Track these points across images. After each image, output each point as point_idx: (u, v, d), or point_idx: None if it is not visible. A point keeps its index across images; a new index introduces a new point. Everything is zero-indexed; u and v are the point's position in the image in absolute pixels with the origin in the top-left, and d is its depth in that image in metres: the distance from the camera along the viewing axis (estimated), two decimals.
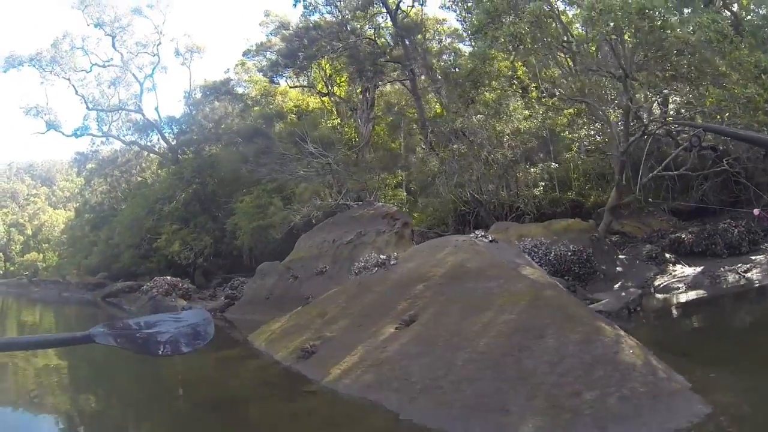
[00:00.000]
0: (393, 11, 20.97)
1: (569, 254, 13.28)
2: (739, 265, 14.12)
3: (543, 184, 20.02)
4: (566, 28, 13.89)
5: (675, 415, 4.48)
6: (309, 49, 20.90)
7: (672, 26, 10.67)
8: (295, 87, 28.93)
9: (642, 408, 4.56)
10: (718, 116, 13.17)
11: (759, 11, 18.33)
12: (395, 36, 21.06)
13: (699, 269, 14.73)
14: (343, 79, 27.79)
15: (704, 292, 13.22)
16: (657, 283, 14.02)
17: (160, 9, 36.45)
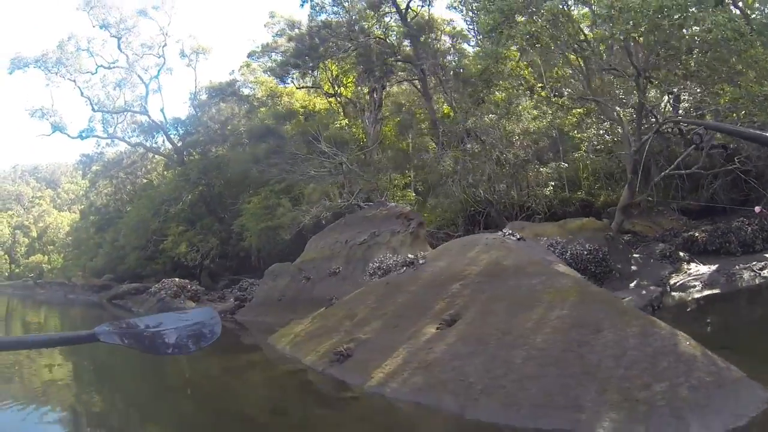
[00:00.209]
0: (403, 11, 20.97)
1: (585, 253, 13.27)
2: (754, 263, 14.13)
3: (553, 184, 20.01)
4: (580, 28, 13.86)
5: (743, 402, 4.55)
6: (320, 49, 20.85)
7: (690, 24, 10.67)
8: (302, 88, 28.88)
9: (712, 396, 4.60)
10: (734, 114, 13.15)
11: (765, 10, 18.33)
12: (406, 35, 21.03)
13: (714, 267, 14.72)
14: (350, 80, 27.74)
15: (720, 290, 13.23)
16: (673, 282, 14.02)
17: (166, 10, 36.36)
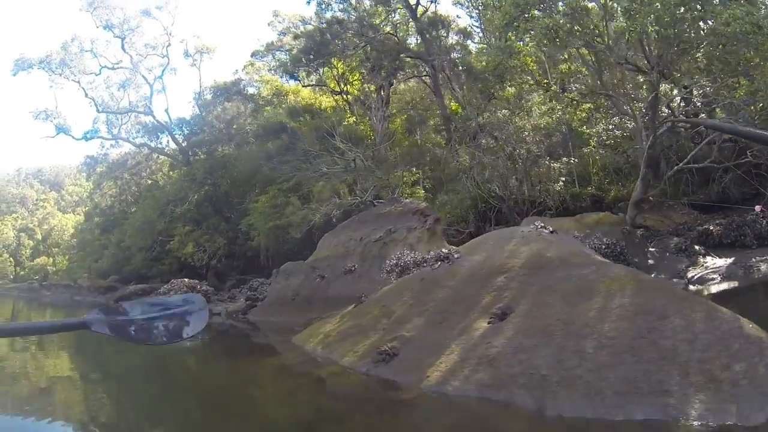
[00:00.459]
0: (413, 7, 20.91)
1: (603, 247, 13.27)
2: None
3: (563, 180, 20.00)
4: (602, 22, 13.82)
5: None
6: (330, 45, 20.75)
7: (710, 17, 10.63)
8: (308, 86, 28.82)
9: None
10: (751, 107, 13.15)
11: None
12: (418, 31, 20.96)
13: (730, 260, 14.71)
14: (356, 78, 27.70)
15: (738, 283, 13.22)
16: (690, 275, 13.99)
17: (169, 10, 36.43)
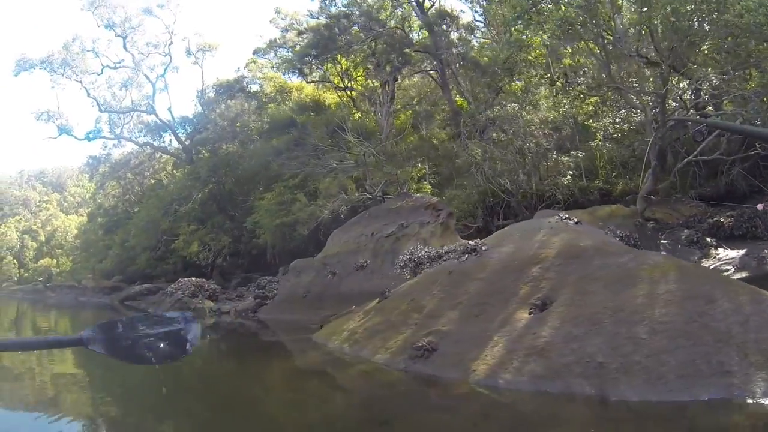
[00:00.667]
0: (420, 1, 20.82)
1: (617, 239, 13.23)
2: None
3: (571, 173, 19.98)
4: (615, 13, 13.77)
5: None
6: (338, 39, 20.63)
7: (727, 7, 10.60)
8: (312, 82, 28.71)
9: None
10: (765, 99, 13.10)
11: None
12: (426, 25, 20.86)
13: (743, 252, 14.70)
14: (360, 74, 27.60)
15: (751, 273, 13.20)
16: (704, 266, 13.99)
17: (171, 8, 36.26)
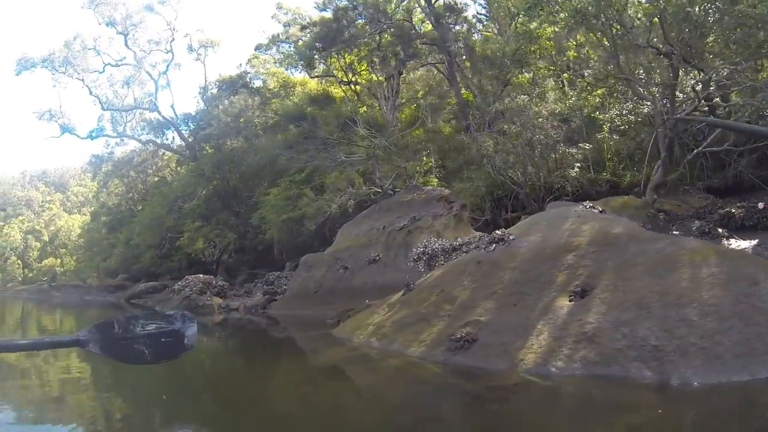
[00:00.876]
0: None
1: None
2: None
3: (579, 165, 19.95)
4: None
5: None
6: (346, 32, 20.49)
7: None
8: (317, 77, 28.58)
9: None
10: None
11: None
12: (434, 17, 20.72)
13: (755, 242, 14.66)
14: (364, 68, 27.48)
15: None
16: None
17: (172, 5, 35.85)
